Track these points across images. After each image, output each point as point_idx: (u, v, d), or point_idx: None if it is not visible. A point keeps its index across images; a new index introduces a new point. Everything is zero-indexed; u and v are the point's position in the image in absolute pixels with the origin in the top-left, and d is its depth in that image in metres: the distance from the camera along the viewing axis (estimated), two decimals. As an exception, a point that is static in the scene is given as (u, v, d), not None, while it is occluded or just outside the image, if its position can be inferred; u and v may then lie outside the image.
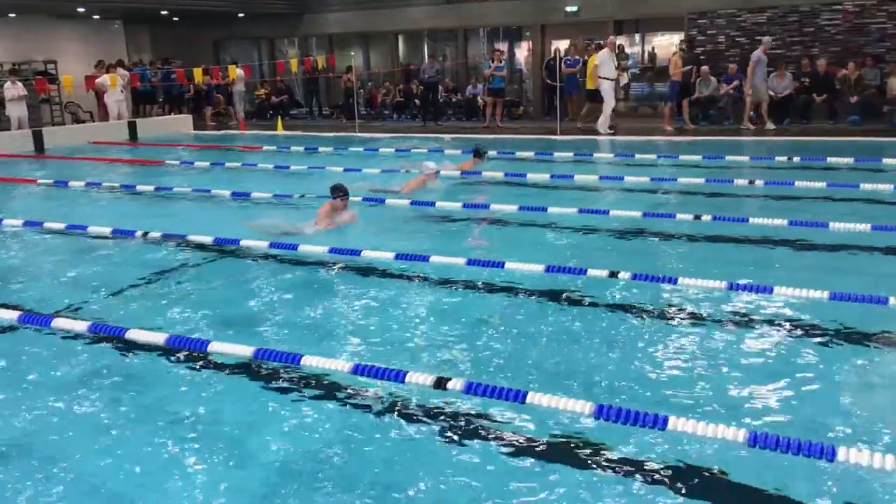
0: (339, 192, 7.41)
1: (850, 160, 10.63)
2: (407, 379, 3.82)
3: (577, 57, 17.86)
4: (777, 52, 16.23)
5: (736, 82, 15.80)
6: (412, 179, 9.52)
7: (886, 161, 10.48)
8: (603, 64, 15.46)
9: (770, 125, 14.80)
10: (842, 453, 2.89)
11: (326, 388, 3.94)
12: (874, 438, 3.26)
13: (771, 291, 5.04)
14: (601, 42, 16.69)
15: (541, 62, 19.26)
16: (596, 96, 16.04)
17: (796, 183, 9.09)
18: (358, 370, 3.96)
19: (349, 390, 3.90)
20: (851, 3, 15.95)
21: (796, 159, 11.02)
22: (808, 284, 5.05)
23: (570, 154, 12.47)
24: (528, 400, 3.55)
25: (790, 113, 15.41)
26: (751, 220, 7.15)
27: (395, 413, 3.65)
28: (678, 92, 15.74)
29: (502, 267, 5.80)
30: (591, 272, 5.55)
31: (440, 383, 3.76)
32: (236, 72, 20.40)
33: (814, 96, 15.44)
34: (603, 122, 15.55)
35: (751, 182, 9.26)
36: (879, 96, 14.95)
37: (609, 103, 15.55)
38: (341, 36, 22.47)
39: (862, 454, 2.88)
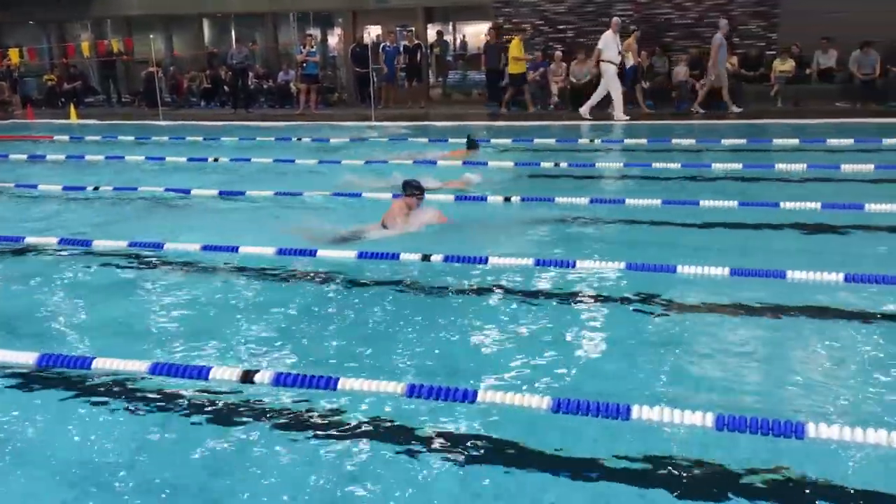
0: (415, 189, 6.51)
1: (643, 142, 11.41)
2: (211, 375, 3.61)
3: (394, 45, 17.87)
4: (577, 40, 17.08)
5: (542, 69, 16.47)
6: (452, 181, 8.45)
7: (675, 141, 11.33)
8: (607, 47, 14.43)
9: (735, 108, 14.64)
10: (635, 411, 3.05)
11: (124, 392, 3.65)
12: (669, 396, 3.47)
13: (573, 266, 5.27)
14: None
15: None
16: (517, 81, 15.67)
17: (597, 164, 9.64)
18: (156, 369, 3.70)
19: (150, 392, 3.63)
20: (641, -6, 17.09)
21: (598, 142, 11.67)
22: (607, 256, 5.33)
23: (386, 140, 12.47)
24: (339, 386, 3.47)
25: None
26: (556, 199, 7.45)
27: (201, 412, 3.44)
28: (632, 77, 15.45)
29: (314, 255, 5.67)
30: (404, 256, 5.54)
31: (247, 376, 3.59)
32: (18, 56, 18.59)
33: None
34: (618, 108, 14.58)
35: (556, 164, 9.67)
36: (667, 83, 16.13)
37: (616, 88, 14.57)
38: (140, 19, 21.10)
39: (653, 411, 3.05)
